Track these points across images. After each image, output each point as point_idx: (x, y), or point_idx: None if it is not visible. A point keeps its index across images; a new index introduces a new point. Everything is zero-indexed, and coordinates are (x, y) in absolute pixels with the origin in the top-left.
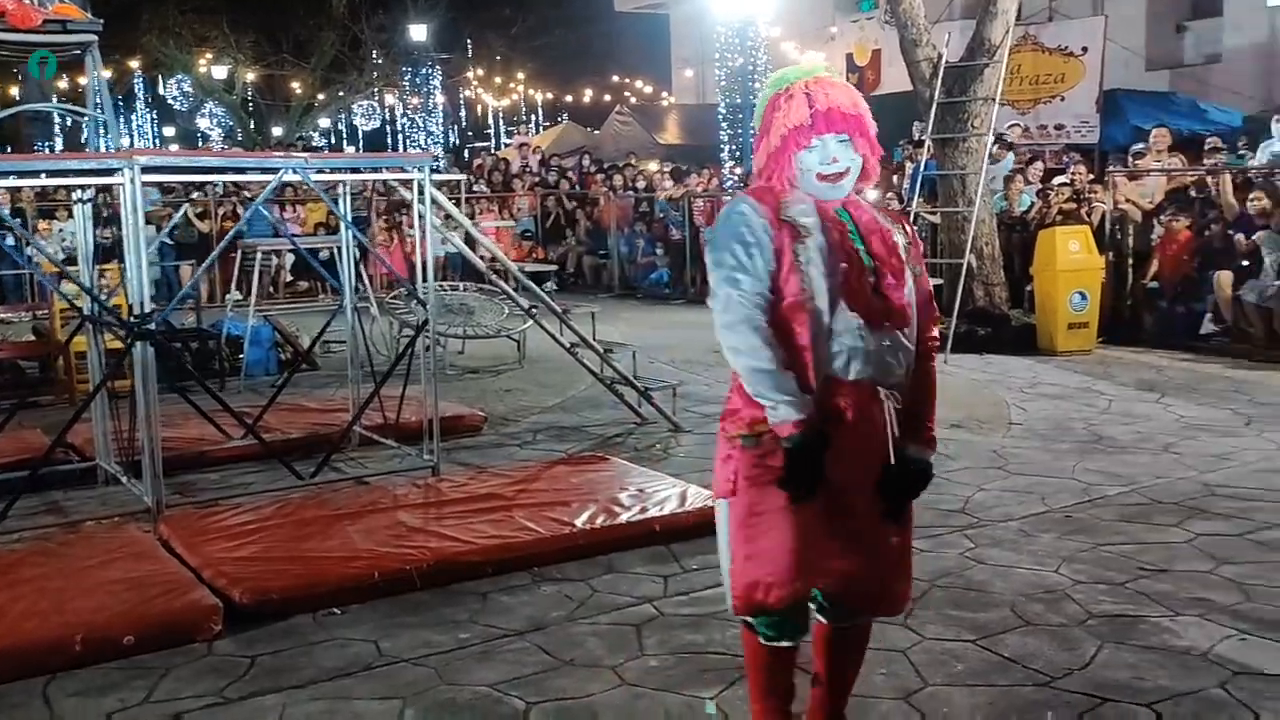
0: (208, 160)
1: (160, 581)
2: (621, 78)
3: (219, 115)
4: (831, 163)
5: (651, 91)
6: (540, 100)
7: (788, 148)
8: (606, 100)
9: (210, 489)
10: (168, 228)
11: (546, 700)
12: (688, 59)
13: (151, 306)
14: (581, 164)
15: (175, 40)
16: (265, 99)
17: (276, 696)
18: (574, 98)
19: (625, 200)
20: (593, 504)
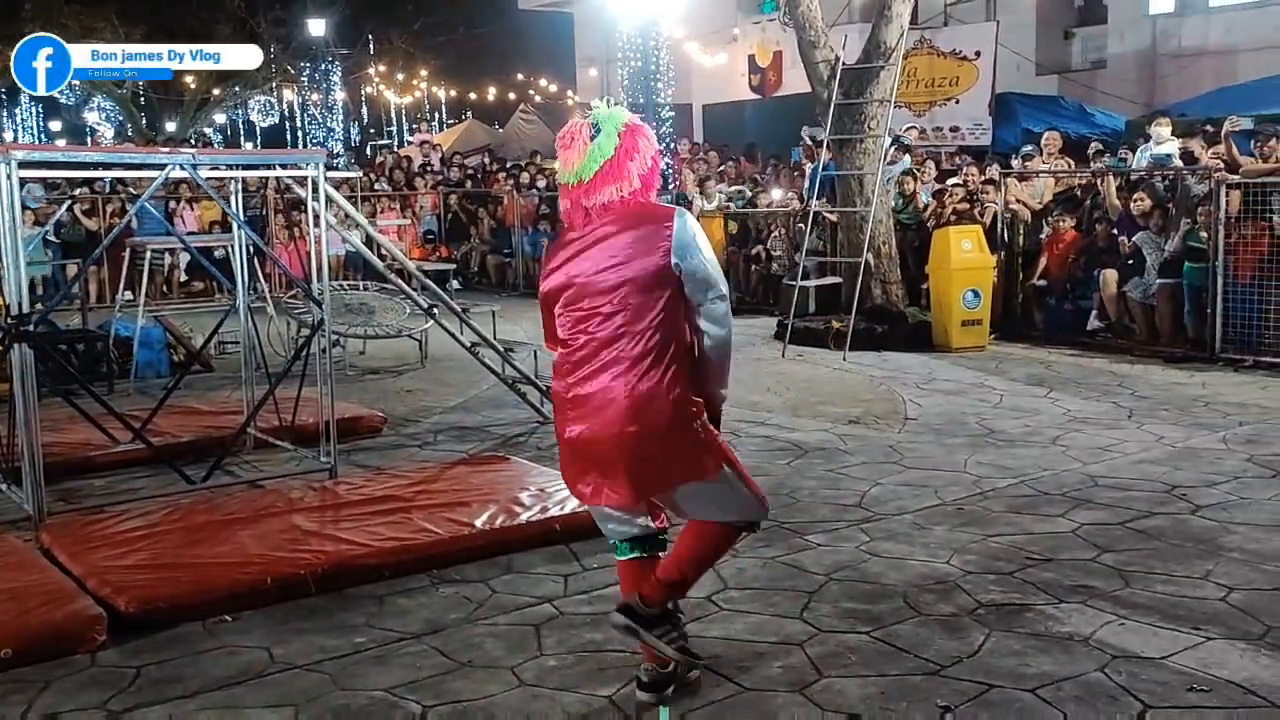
0: (90, 155)
1: (41, 592)
2: (526, 76)
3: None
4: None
5: (556, 90)
6: (444, 98)
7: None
8: (511, 98)
9: (96, 495)
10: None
11: (444, 703)
12: (592, 58)
13: (30, 307)
14: (484, 162)
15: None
16: (158, 94)
17: (163, 708)
18: (478, 95)
19: (529, 199)
20: (493, 504)
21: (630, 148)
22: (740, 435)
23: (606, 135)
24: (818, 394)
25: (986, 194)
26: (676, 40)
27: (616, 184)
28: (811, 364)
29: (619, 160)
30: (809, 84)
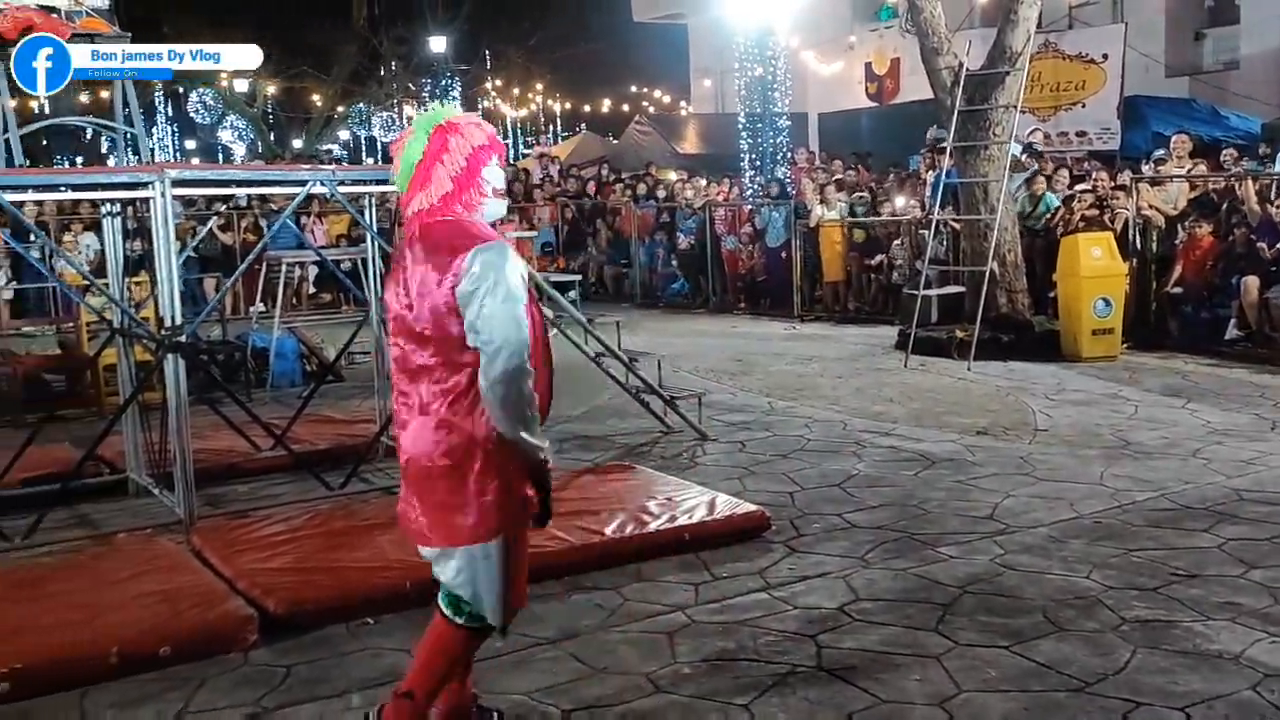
0: (236, 174)
1: (194, 593)
2: (640, 87)
3: (240, 128)
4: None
5: (670, 101)
6: (558, 110)
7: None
8: (625, 110)
9: (240, 500)
10: (194, 241)
11: (582, 708)
12: (706, 68)
13: (181, 319)
14: (601, 174)
15: None
16: (285, 111)
17: (313, 706)
18: (592, 108)
19: (647, 210)
20: (622, 512)
21: (438, 149)
22: (864, 445)
23: (416, 138)
24: (942, 404)
25: (1117, 199)
26: (792, 49)
27: (424, 190)
28: (935, 374)
29: (426, 163)
30: (931, 91)
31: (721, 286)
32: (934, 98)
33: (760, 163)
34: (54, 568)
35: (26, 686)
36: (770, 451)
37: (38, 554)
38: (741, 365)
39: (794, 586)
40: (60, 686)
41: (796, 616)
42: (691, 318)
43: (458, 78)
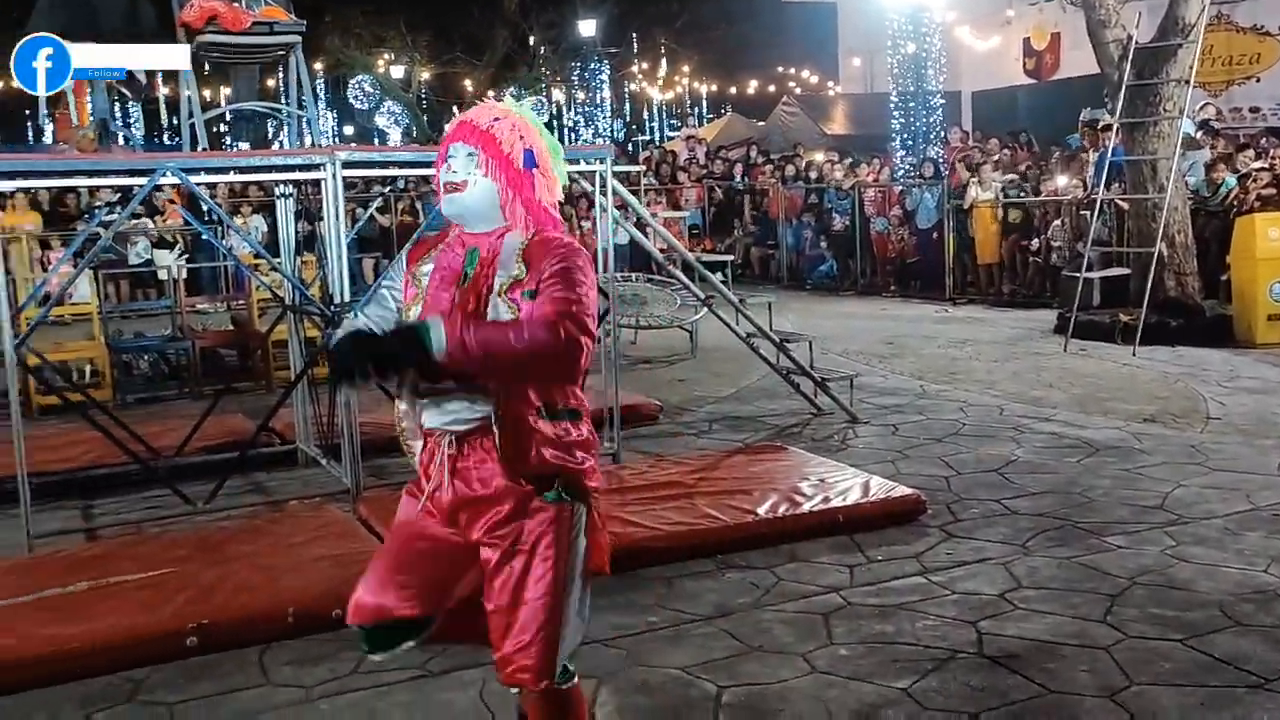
0: (401, 155)
1: (363, 559)
2: (786, 68)
3: (396, 114)
4: (448, 170)
5: (817, 81)
6: (704, 93)
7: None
8: (771, 91)
9: (401, 473)
10: (359, 223)
11: (738, 685)
12: (855, 47)
13: (350, 296)
14: (749, 155)
15: (356, 41)
16: (438, 97)
17: (476, 672)
18: (738, 89)
19: (794, 191)
20: (774, 493)
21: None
22: (1023, 431)
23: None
24: (1106, 390)
25: None
26: (946, 25)
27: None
28: (1097, 359)
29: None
30: (1097, 65)
31: (870, 268)
32: (1099, 72)
33: (912, 143)
34: (234, 531)
35: (212, 641)
36: (923, 435)
37: (218, 518)
38: (892, 348)
39: (952, 572)
40: (242, 643)
41: (956, 602)
42: (838, 300)
43: (606, 61)
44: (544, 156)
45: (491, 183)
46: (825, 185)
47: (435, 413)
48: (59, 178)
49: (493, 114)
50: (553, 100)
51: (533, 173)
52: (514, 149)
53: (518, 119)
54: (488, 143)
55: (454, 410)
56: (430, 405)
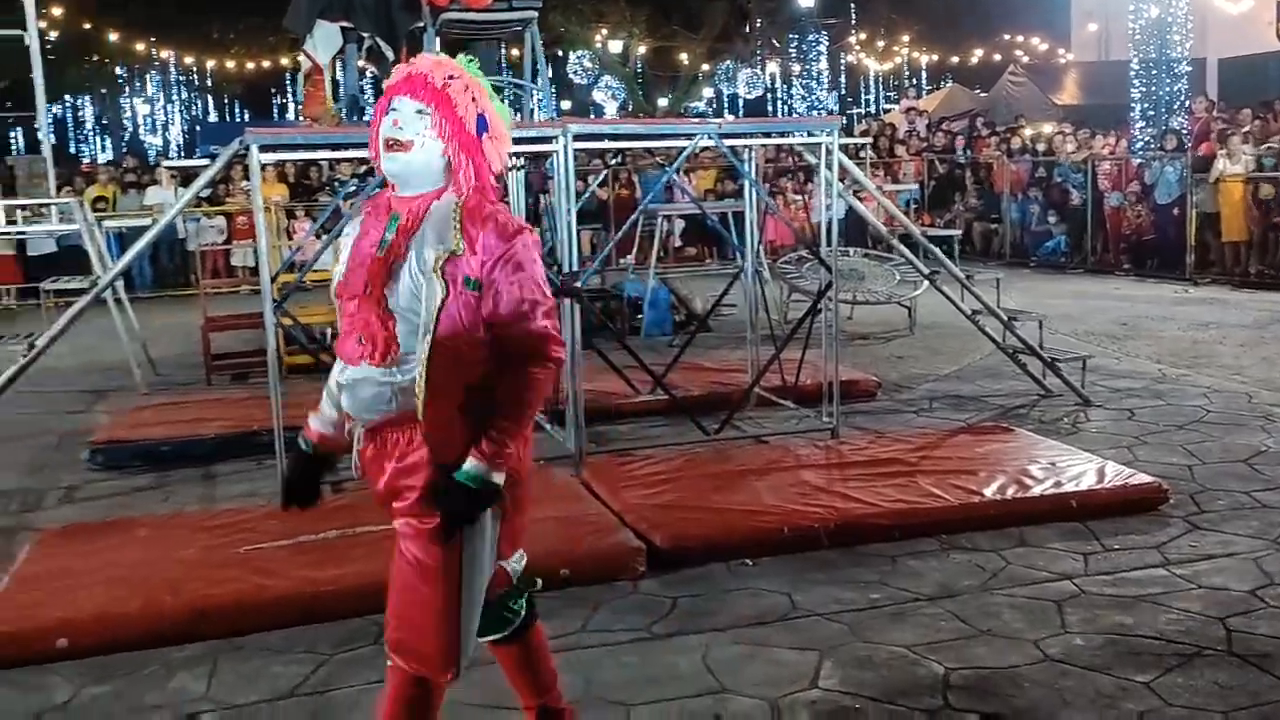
0: (630, 127)
1: (588, 522)
2: (1013, 35)
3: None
4: (393, 126)
5: (1047, 49)
6: (924, 63)
7: (376, 115)
8: (995, 60)
9: (622, 440)
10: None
11: (966, 667)
12: (1091, 12)
13: (577, 267)
14: (972, 127)
15: (577, 16)
16: (654, 71)
17: (700, 637)
18: (960, 59)
19: (1021, 165)
20: (1001, 474)
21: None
22: (1275, 420)
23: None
24: None
25: None
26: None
27: None
28: None
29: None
30: None
31: (1102, 245)
32: None
33: (1153, 113)
34: None
35: None
36: (1163, 421)
37: None
38: (1126, 329)
39: (1197, 565)
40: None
41: (1201, 596)
42: (1066, 278)
43: (824, 32)
44: (495, 122)
45: (442, 144)
46: (1055, 159)
47: (351, 401)
48: (315, 150)
49: (446, 71)
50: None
51: (483, 138)
52: (468, 111)
53: (470, 80)
54: (442, 102)
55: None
56: (348, 393)
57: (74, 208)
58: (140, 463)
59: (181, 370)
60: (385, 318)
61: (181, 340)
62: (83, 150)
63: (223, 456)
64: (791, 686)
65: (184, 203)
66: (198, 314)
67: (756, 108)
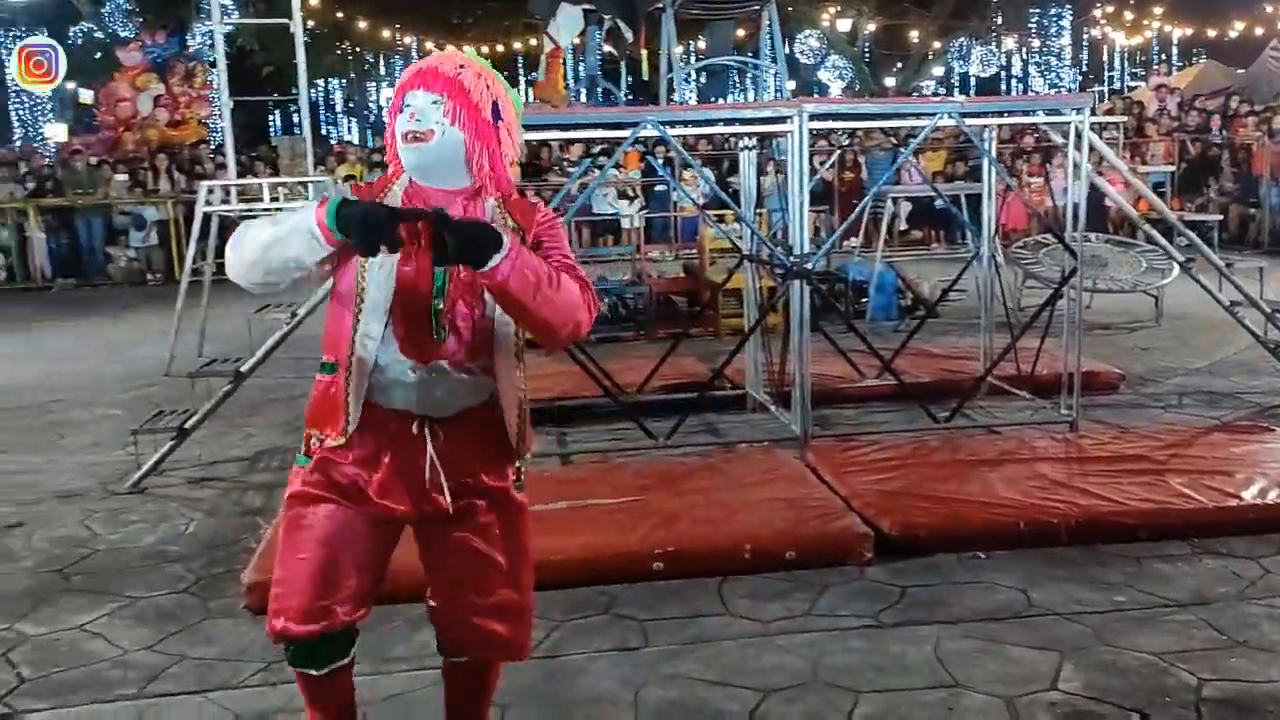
0: (868, 106)
1: (814, 505)
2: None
3: (840, 68)
4: (410, 119)
5: None
6: (1176, 37)
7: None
8: (1257, 34)
9: (846, 424)
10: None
11: (1222, 679)
12: None
13: (809, 249)
14: (1228, 105)
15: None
16: (882, 49)
17: (930, 629)
18: (1218, 32)
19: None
20: (1261, 477)
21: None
22: None
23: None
24: None
25: None
26: None
27: None
28: None
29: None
30: None
31: None
32: None
33: None
34: (692, 467)
35: (676, 568)
36: None
37: (675, 454)
38: None
39: None
40: (702, 572)
41: None
42: None
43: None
44: (509, 111)
45: (459, 132)
46: None
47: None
48: (554, 131)
49: (457, 61)
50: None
51: (498, 126)
52: (482, 98)
53: (482, 68)
54: (456, 90)
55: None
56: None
57: (329, 185)
58: None
59: None
60: (472, 314)
61: None
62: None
63: None
64: (1028, 686)
65: None
66: None
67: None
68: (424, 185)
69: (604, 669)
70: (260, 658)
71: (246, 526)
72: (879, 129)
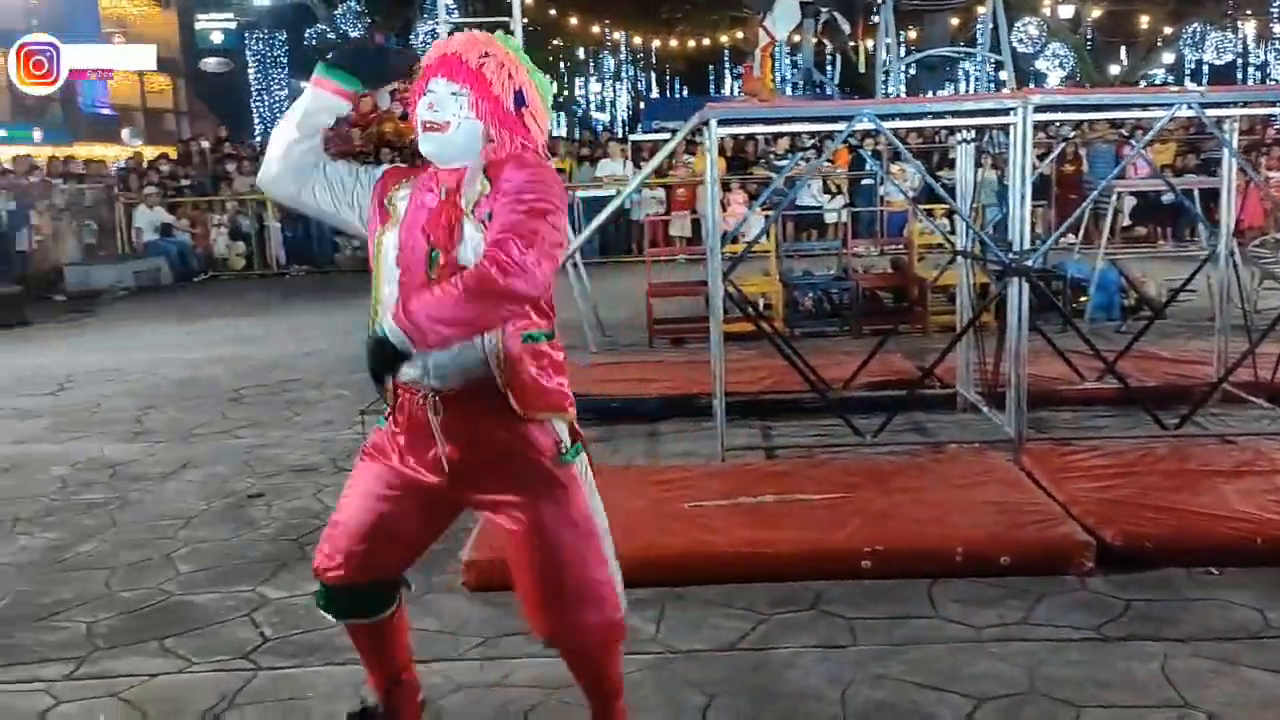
0: (1098, 97)
1: (1030, 510)
2: None
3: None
4: (429, 109)
5: None
6: None
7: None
8: None
9: (1063, 427)
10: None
11: None
12: None
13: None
14: None
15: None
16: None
17: (1157, 645)
18: None
19: None
20: None
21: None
22: None
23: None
24: None
25: None
26: None
27: None
28: None
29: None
30: None
31: None
32: None
33: None
34: (900, 466)
35: (885, 567)
36: None
37: (882, 451)
38: None
39: None
40: (911, 573)
41: None
42: None
43: None
44: (533, 96)
45: (479, 125)
46: None
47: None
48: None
49: (480, 49)
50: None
51: (523, 112)
52: (504, 88)
53: (505, 55)
54: (477, 82)
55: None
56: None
57: None
58: (592, 416)
59: (626, 332)
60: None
61: (625, 304)
62: None
63: (664, 416)
64: (1267, 713)
65: (646, 173)
66: (639, 280)
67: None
68: (440, 168)
69: (811, 665)
70: (479, 633)
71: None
72: (1106, 120)
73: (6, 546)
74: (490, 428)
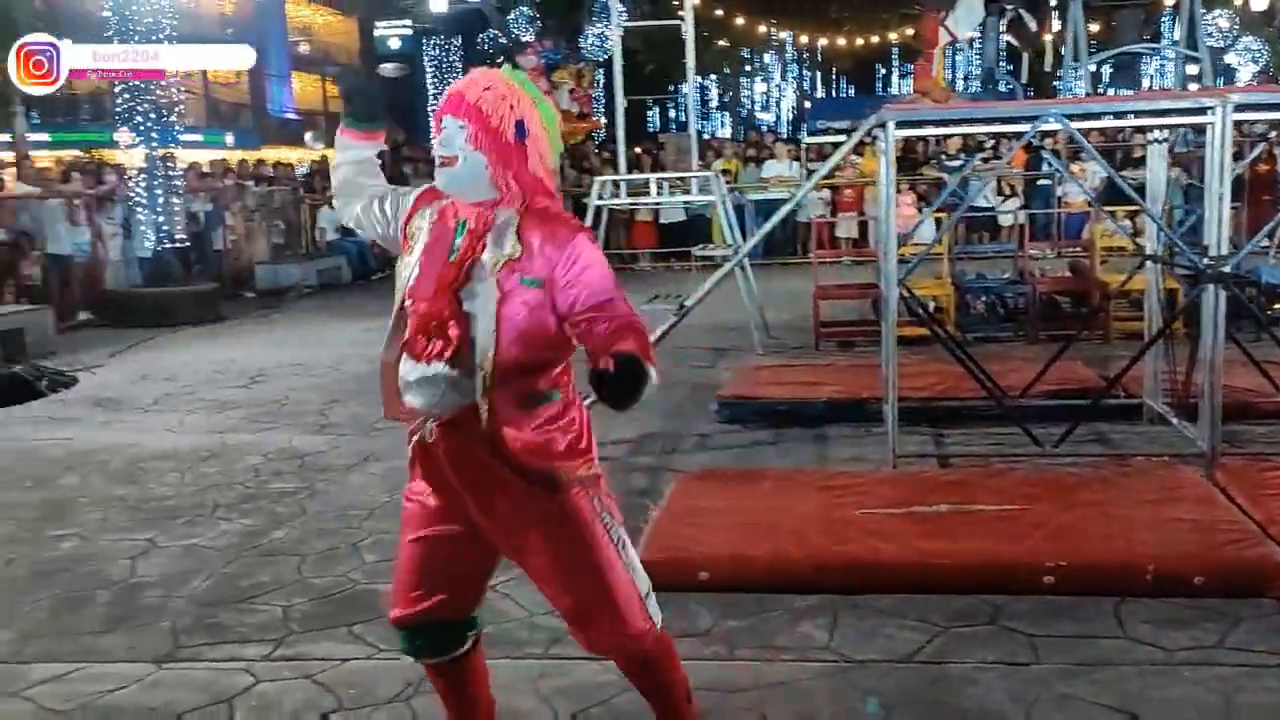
0: None
1: (1226, 528)
2: None
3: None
4: (440, 145)
5: None
6: None
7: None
8: None
9: (1260, 442)
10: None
11: None
12: None
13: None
14: None
15: None
16: None
17: None
18: None
19: None
20: None
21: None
22: None
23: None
24: None
25: None
26: None
27: None
28: None
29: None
30: None
31: None
32: None
33: None
34: (1083, 479)
35: (1069, 583)
36: None
37: (1063, 463)
38: None
39: None
40: (1096, 591)
41: None
42: None
43: None
44: (535, 126)
45: (481, 156)
46: None
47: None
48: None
49: (482, 84)
50: None
51: (524, 144)
52: (504, 121)
53: (507, 87)
54: (474, 115)
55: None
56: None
57: (712, 180)
58: (758, 419)
59: (791, 334)
60: (459, 318)
61: (790, 306)
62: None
63: (832, 420)
64: None
65: (820, 175)
66: (805, 282)
67: None
68: (457, 199)
69: (992, 681)
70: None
71: (633, 507)
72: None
73: (209, 530)
74: (482, 456)
